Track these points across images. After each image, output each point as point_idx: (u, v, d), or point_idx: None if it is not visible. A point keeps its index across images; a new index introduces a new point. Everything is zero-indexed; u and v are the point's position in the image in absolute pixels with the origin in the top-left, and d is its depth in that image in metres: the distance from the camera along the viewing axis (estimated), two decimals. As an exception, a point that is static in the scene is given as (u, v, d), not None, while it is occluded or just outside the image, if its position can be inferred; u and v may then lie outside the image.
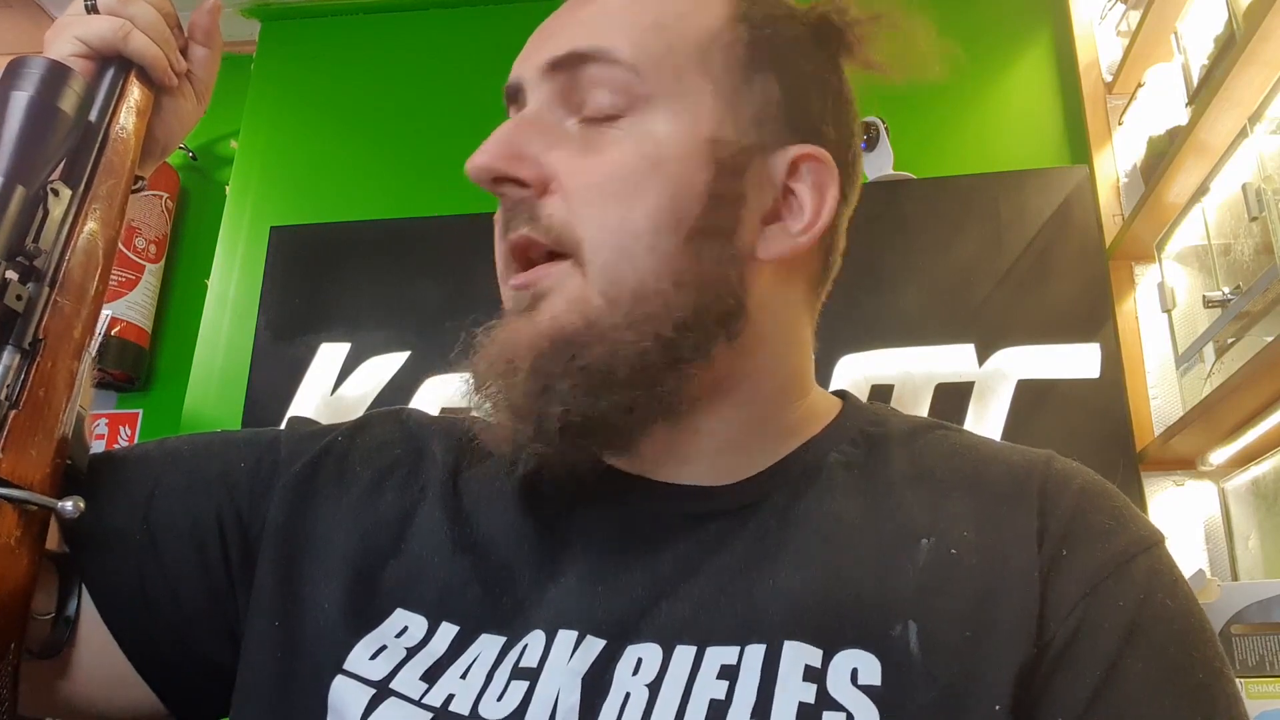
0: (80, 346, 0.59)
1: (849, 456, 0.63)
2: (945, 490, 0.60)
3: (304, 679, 0.57)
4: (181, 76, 0.70)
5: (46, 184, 0.58)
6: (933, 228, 1.96)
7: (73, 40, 0.64)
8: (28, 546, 0.54)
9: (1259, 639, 1.37)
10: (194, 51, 0.72)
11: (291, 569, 0.61)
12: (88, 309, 0.59)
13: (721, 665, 0.52)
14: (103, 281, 0.61)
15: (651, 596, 0.56)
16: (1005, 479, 0.60)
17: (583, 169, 0.57)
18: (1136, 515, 0.59)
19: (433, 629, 0.58)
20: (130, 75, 0.66)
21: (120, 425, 2.38)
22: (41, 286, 0.56)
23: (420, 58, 2.42)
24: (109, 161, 0.63)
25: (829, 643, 0.52)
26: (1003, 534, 0.56)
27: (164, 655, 0.62)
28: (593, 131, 0.59)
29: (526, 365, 0.56)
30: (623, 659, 0.54)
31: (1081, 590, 0.54)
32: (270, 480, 0.65)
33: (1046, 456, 0.62)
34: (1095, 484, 0.60)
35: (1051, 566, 0.55)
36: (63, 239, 0.58)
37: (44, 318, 0.56)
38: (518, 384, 0.56)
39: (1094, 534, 0.56)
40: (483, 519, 0.63)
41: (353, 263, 2.20)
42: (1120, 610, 0.53)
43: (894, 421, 0.66)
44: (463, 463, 0.67)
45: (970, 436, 0.66)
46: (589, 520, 0.62)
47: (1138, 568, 0.55)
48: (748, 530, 0.59)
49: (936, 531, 0.57)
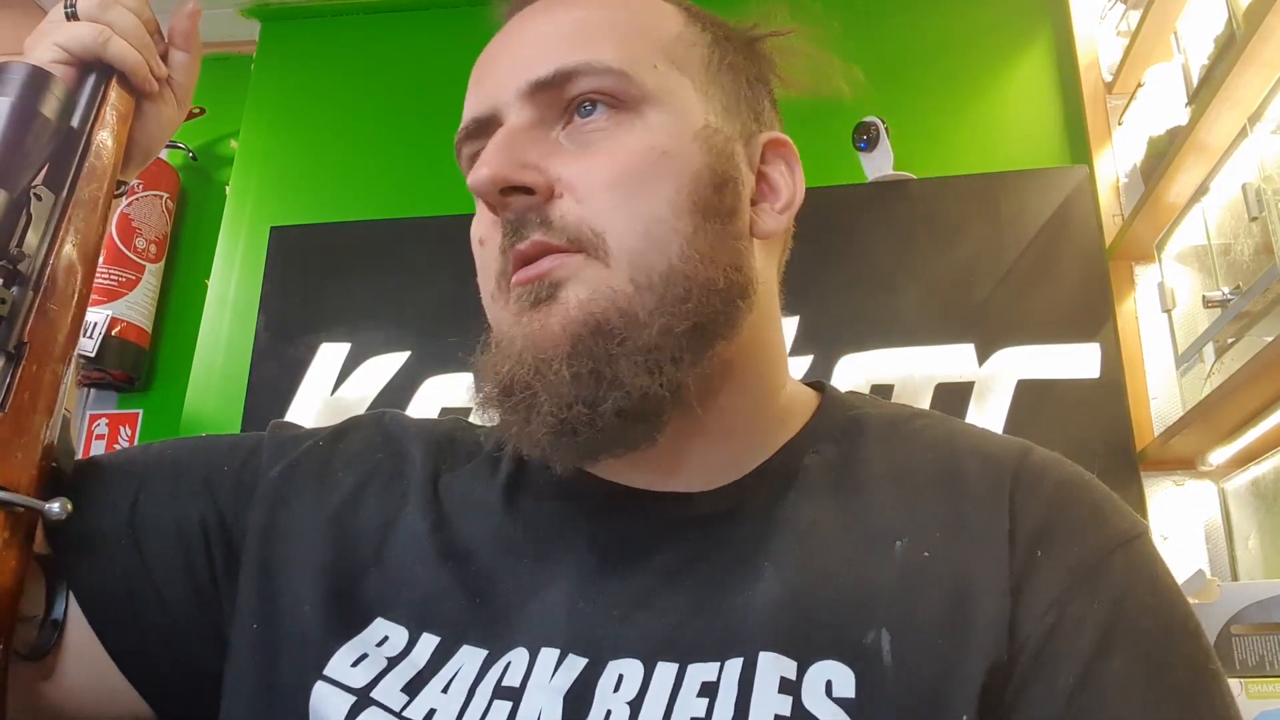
0: (65, 351, 0.58)
1: (827, 457, 0.63)
2: (919, 486, 0.60)
3: (285, 683, 0.58)
4: (162, 82, 0.70)
5: (29, 189, 0.58)
6: (933, 228, 1.96)
7: (53, 47, 0.64)
8: (15, 549, 0.54)
9: (1259, 639, 1.37)
10: (174, 57, 0.72)
11: (271, 572, 0.61)
12: (72, 313, 0.59)
13: (702, 683, 0.52)
14: (86, 286, 0.61)
15: (633, 610, 0.56)
16: (978, 474, 0.59)
17: (591, 169, 0.58)
18: (1115, 508, 0.59)
19: (413, 639, 0.58)
20: (111, 81, 0.66)
21: (120, 425, 2.39)
22: (25, 291, 0.56)
23: (420, 58, 2.42)
24: (91, 167, 0.63)
25: (803, 653, 0.52)
26: (975, 534, 0.56)
27: (151, 660, 0.62)
28: (587, 135, 0.60)
29: (565, 352, 0.55)
30: (604, 676, 0.54)
31: (1055, 591, 0.53)
32: (253, 484, 0.65)
33: (1022, 450, 0.61)
34: (1072, 478, 0.60)
35: (1025, 568, 0.54)
36: (46, 243, 0.58)
37: (29, 322, 0.56)
38: (560, 372, 0.55)
39: (1069, 531, 0.56)
40: (463, 525, 0.63)
41: (353, 263, 2.20)
42: (1096, 610, 0.53)
43: (872, 415, 0.66)
44: (441, 466, 0.67)
45: (948, 425, 0.66)
46: (571, 529, 0.62)
47: (1114, 564, 0.55)
48: (728, 537, 0.59)
49: (910, 532, 0.57)
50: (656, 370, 0.55)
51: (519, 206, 0.58)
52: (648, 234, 0.57)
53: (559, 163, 0.59)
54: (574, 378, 0.55)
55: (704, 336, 0.58)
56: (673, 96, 0.61)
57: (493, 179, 0.57)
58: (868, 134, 1.97)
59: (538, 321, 0.56)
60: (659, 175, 0.58)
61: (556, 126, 0.60)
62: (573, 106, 0.60)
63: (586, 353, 0.55)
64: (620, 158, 0.58)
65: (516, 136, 0.59)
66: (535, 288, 0.57)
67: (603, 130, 0.59)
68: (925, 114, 2.09)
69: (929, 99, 2.11)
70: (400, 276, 2.16)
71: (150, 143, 0.71)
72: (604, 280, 0.56)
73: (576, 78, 0.59)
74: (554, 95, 0.60)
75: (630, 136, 0.59)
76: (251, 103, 2.45)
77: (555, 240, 0.57)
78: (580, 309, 0.56)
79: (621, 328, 0.55)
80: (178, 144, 2.52)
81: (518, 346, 0.57)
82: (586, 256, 0.57)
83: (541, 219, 0.58)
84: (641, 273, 0.56)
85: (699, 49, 0.64)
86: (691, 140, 0.60)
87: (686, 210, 0.58)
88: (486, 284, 0.62)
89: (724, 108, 0.64)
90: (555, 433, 0.55)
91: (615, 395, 0.55)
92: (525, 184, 0.57)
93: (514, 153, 0.58)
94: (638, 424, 0.56)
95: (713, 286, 0.58)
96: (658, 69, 0.61)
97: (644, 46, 0.62)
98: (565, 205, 0.58)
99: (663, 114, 0.60)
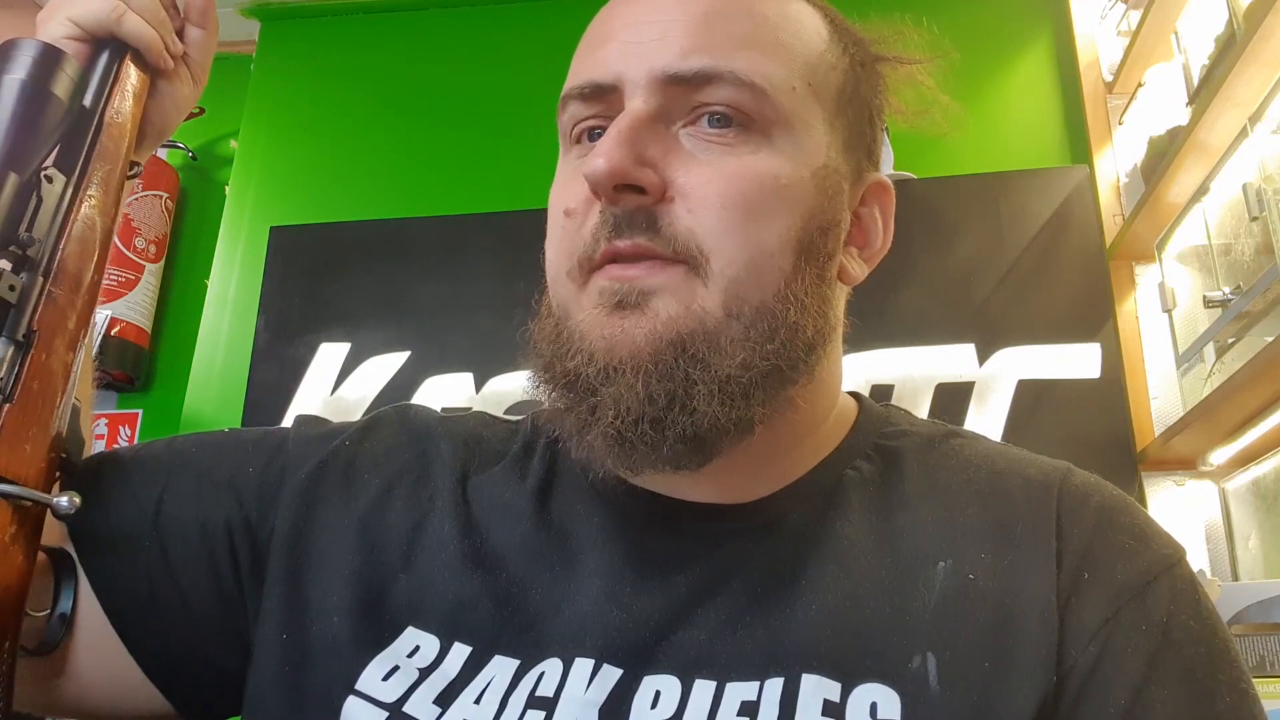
0: (75, 338, 0.57)
1: (865, 474, 0.62)
2: (961, 506, 0.59)
3: (314, 696, 0.57)
4: (177, 59, 0.69)
5: (40, 171, 0.56)
6: (933, 228, 1.96)
7: (65, 22, 0.63)
8: (22, 543, 0.53)
9: (1259, 639, 1.37)
10: (189, 33, 0.70)
11: (299, 580, 0.60)
12: (83, 299, 0.58)
13: (742, 702, 0.52)
14: (98, 271, 0.59)
15: (668, 622, 0.56)
16: (1022, 494, 0.59)
17: (711, 181, 0.55)
18: (1157, 532, 0.58)
19: (445, 649, 0.57)
20: (125, 58, 0.64)
21: (120, 425, 2.38)
22: (35, 276, 0.55)
23: (420, 58, 2.42)
24: (104, 147, 0.61)
25: (847, 675, 0.52)
26: (1020, 555, 0.56)
27: (172, 659, 0.61)
28: (712, 144, 0.56)
29: (645, 366, 0.53)
30: (640, 691, 0.53)
31: (1103, 616, 0.53)
32: (278, 485, 0.64)
33: (1064, 471, 0.61)
34: (1114, 500, 0.59)
35: (1071, 591, 0.54)
36: (57, 227, 0.57)
37: (38, 309, 0.55)
38: (634, 386, 0.52)
39: (1114, 555, 0.55)
40: (493, 530, 0.62)
41: (353, 263, 2.20)
42: (1143, 635, 0.52)
43: (909, 431, 0.65)
44: (470, 467, 0.66)
45: (986, 445, 0.64)
46: (603, 536, 0.61)
47: (1160, 589, 0.54)
48: (765, 553, 0.58)
49: (953, 553, 0.56)
50: (729, 403, 0.53)
51: (629, 205, 0.55)
52: (752, 264, 0.55)
53: (676, 164, 0.56)
54: (648, 395, 0.52)
55: (780, 379, 0.56)
56: (804, 126, 0.58)
57: (611, 173, 0.54)
58: (868, 134, 1.97)
59: (619, 326, 0.54)
60: (775, 207, 0.56)
61: (679, 122, 0.57)
62: (702, 109, 0.56)
63: (666, 372, 0.53)
64: (742, 179, 0.55)
65: (640, 129, 0.55)
66: (623, 290, 0.54)
67: (728, 145, 0.56)
68: (925, 114, 2.09)
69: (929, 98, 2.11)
70: (400, 276, 2.16)
71: (165, 122, 0.70)
72: (698, 300, 0.54)
73: (717, 83, 0.56)
74: (687, 91, 0.56)
75: (754, 158, 0.56)
76: (251, 103, 2.45)
77: (660, 248, 0.54)
78: (669, 325, 0.53)
79: (705, 352, 0.53)
80: (178, 144, 2.52)
81: (590, 345, 0.54)
82: (687, 271, 0.54)
83: (649, 223, 0.55)
84: (736, 301, 0.54)
85: (836, 75, 0.61)
86: (810, 176, 0.57)
87: (792, 249, 0.56)
88: (561, 260, 0.58)
89: (844, 143, 0.61)
90: (613, 442, 0.54)
91: (685, 421, 0.53)
92: (641, 184, 0.54)
93: (635, 147, 0.55)
94: (697, 451, 0.54)
95: (799, 332, 0.56)
96: (796, 92, 0.58)
97: (788, 64, 0.58)
98: (676, 212, 0.55)
99: (791, 143, 0.57)
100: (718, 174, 0.55)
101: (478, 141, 2.28)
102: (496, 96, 2.31)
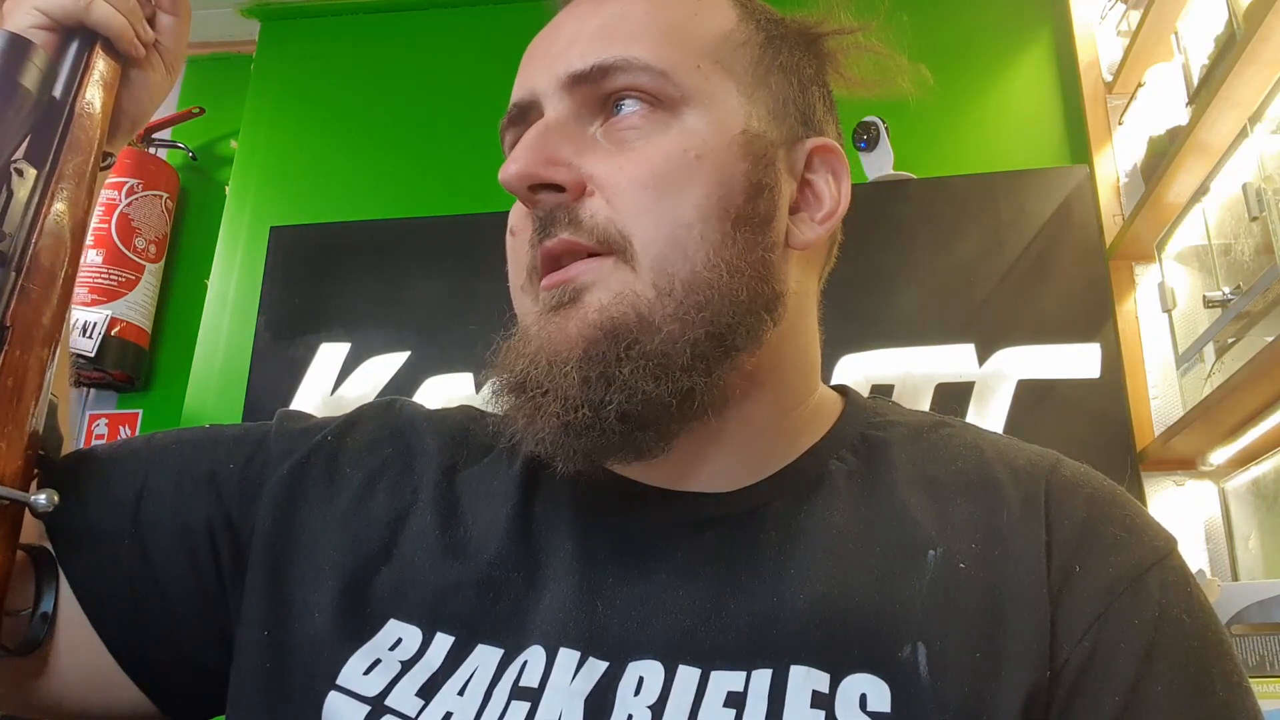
0: (51, 333, 0.56)
1: (850, 464, 0.62)
2: (950, 495, 0.59)
3: (296, 692, 0.56)
4: (149, 47, 0.68)
5: (10, 164, 0.56)
6: (933, 228, 1.96)
7: (32, 11, 0.62)
8: (0, 542, 0.52)
9: (1259, 639, 1.36)
10: (161, 20, 0.69)
11: (280, 575, 0.60)
12: (58, 294, 0.57)
13: (728, 692, 0.51)
14: (73, 265, 0.59)
15: (651, 610, 0.56)
16: (1011, 484, 0.58)
17: (622, 168, 0.57)
18: (1147, 522, 0.58)
19: (427, 640, 0.57)
20: (95, 47, 0.63)
21: (120, 425, 2.38)
22: (7, 272, 0.54)
23: (420, 58, 2.42)
24: (75, 138, 0.60)
25: (836, 666, 0.52)
26: (1010, 545, 0.55)
27: (153, 658, 0.61)
28: (623, 134, 0.59)
29: (578, 355, 0.54)
30: (624, 678, 0.53)
31: (1095, 610, 0.53)
32: (259, 481, 0.64)
33: (1053, 460, 0.61)
34: (1104, 490, 0.59)
35: (1062, 584, 0.54)
36: (29, 221, 0.56)
37: (10, 304, 0.54)
38: (570, 374, 0.54)
39: (1105, 547, 0.55)
40: (476, 520, 0.62)
41: (353, 263, 2.20)
42: (1136, 629, 0.52)
43: (896, 421, 0.65)
44: (459, 459, 0.66)
45: (973, 433, 0.64)
46: (584, 523, 0.61)
47: (1152, 582, 0.54)
48: (747, 539, 0.58)
49: (943, 542, 0.56)
50: (663, 376, 0.54)
51: (548, 203, 0.57)
52: (673, 239, 0.56)
53: (592, 160, 0.58)
54: (583, 381, 0.54)
55: (720, 346, 0.56)
56: (713, 99, 0.59)
57: (520, 175, 0.57)
58: (868, 134, 1.97)
59: (555, 324, 0.56)
60: (689, 179, 0.57)
61: (595, 122, 0.60)
62: (610, 103, 0.59)
63: (598, 357, 0.54)
64: (651, 159, 0.57)
65: (551, 132, 0.58)
66: (560, 292, 0.57)
67: (637, 129, 0.58)
68: (925, 114, 2.08)
69: (929, 98, 2.10)
70: (400, 276, 2.16)
71: (138, 111, 0.69)
72: (628, 285, 0.56)
73: (614, 73, 0.58)
74: (592, 90, 0.59)
75: (664, 138, 0.58)
76: (251, 103, 2.45)
77: (584, 240, 0.56)
78: (599, 313, 0.55)
79: (636, 332, 0.55)
80: (177, 144, 2.52)
81: (533, 346, 0.56)
82: (616, 260, 0.56)
83: (570, 218, 0.57)
84: (664, 278, 0.56)
85: (749, 49, 0.63)
86: (728, 145, 0.59)
87: (715, 217, 0.57)
88: (516, 275, 0.61)
89: (769, 111, 0.62)
90: (560, 433, 0.55)
91: (618, 399, 0.54)
92: (555, 181, 0.57)
93: (546, 149, 0.57)
94: (643, 430, 0.55)
95: (734, 297, 0.57)
96: (700, 69, 0.60)
97: (688, 45, 0.60)
98: (595, 205, 0.57)
99: (700, 117, 0.59)
100: (628, 160, 0.57)
101: (478, 142, 2.27)
102: (496, 97, 2.28)
